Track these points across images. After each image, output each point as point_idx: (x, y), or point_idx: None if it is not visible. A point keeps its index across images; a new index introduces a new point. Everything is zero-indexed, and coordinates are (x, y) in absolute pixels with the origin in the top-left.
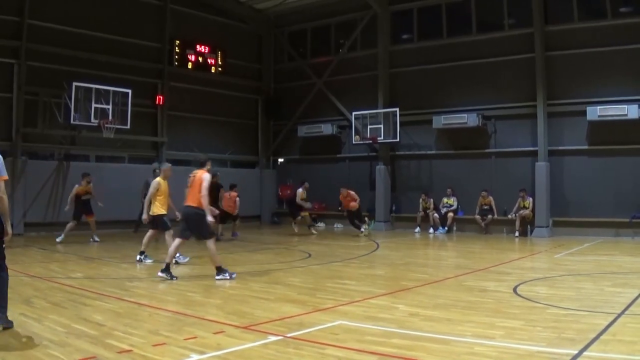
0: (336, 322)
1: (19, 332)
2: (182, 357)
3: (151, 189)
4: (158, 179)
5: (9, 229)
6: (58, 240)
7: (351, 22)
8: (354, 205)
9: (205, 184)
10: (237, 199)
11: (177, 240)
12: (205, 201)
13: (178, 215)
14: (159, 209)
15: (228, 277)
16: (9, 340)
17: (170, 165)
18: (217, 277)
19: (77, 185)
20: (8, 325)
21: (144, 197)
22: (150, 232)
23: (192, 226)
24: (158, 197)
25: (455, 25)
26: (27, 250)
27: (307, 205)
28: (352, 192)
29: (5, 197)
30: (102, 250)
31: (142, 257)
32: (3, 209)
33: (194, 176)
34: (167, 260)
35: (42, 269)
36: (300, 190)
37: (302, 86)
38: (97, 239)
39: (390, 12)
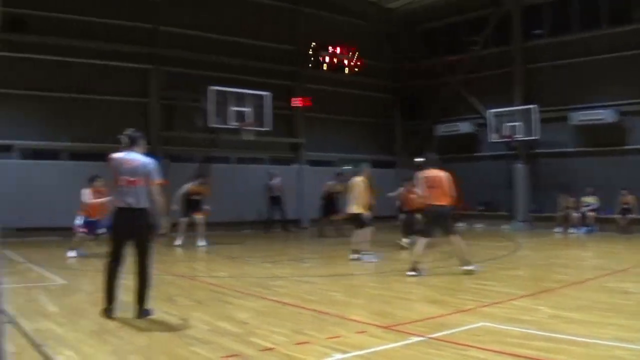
0: (478, 323)
1: (163, 330)
2: (324, 356)
3: (357, 189)
4: (360, 178)
5: (165, 224)
6: (177, 243)
7: (483, 18)
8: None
9: (450, 182)
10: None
11: (425, 240)
12: (451, 199)
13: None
14: (359, 207)
15: (473, 268)
16: (153, 338)
17: (369, 165)
18: (463, 268)
19: (188, 185)
20: (149, 314)
21: (270, 198)
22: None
23: (441, 223)
24: (361, 196)
25: (586, 18)
26: (170, 249)
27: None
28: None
29: (161, 198)
30: (244, 250)
31: (359, 256)
32: (160, 208)
33: (433, 177)
34: (414, 259)
35: (185, 268)
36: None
37: (437, 85)
38: (203, 242)
39: (521, 7)
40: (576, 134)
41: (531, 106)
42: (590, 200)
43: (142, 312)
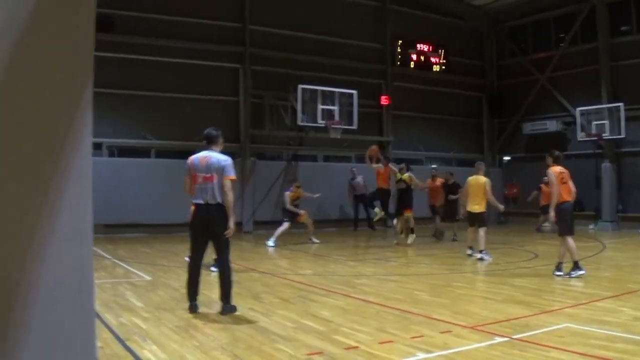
0: (562, 324)
1: (248, 327)
2: (408, 355)
3: (479, 187)
4: (481, 177)
5: (232, 225)
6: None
7: (570, 15)
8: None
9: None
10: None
11: (570, 239)
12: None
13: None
14: (482, 206)
15: (580, 272)
16: (237, 334)
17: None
18: (572, 274)
19: (287, 192)
20: (233, 310)
21: (351, 196)
22: (472, 229)
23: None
24: (484, 195)
25: None
26: (256, 247)
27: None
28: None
29: (231, 193)
30: (330, 248)
31: (481, 255)
32: (228, 203)
33: (566, 172)
34: (575, 258)
35: (271, 265)
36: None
37: (525, 82)
38: (315, 240)
39: (607, 3)
40: None
41: (618, 104)
42: None
43: (226, 308)
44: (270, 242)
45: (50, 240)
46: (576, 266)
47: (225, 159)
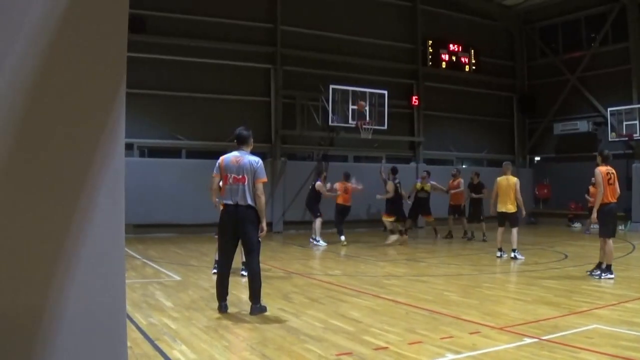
0: (591, 325)
1: (277, 327)
2: (437, 356)
3: (509, 187)
4: (511, 177)
5: (264, 226)
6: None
7: (601, 15)
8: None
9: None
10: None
11: (611, 241)
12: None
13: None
14: (514, 206)
15: (610, 276)
16: (267, 334)
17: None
18: (602, 275)
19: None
20: (263, 311)
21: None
22: (501, 230)
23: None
24: (511, 195)
25: None
26: (286, 247)
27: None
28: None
29: (263, 197)
30: (359, 248)
31: (514, 254)
32: (260, 206)
33: (613, 172)
34: (609, 262)
35: (300, 265)
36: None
37: (556, 82)
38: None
39: (638, 3)
40: None
41: None
42: None
43: (256, 309)
44: (321, 242)
45: (82, 240)
46: (608, 269)
47: (257, 161)
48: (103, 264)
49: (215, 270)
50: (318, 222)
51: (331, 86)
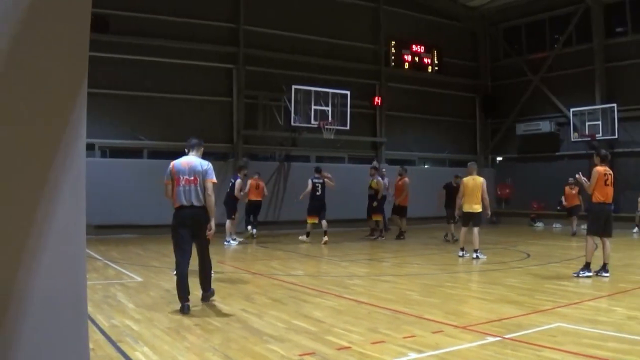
0: (554, 324)
1: (240, 328)
2: (400, 355)
3: (475, 187)
4: (477, 177)
5: (212, 225)
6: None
7: (565, 16)
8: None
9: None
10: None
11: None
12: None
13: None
14: (479, 206)
15: (589, 274)
16: (230, 335)
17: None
18: (580, 273)
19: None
20: (212, 294)
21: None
22: (465, 230)
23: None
24: (477, 195)
25: None
26: (248, 248)
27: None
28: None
29: (212, 196)
30: (322, 249)
31: (476, 254)
32: (210, 205)
33: (610, 173)
34: (588, 260)
35: (262, 266)
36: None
37: (519, 83)
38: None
39: (602, 4)
40: None
41: (612, 105)
42: None
43: (207, 296)
44: (232, 242)
45: (43, 241)
46: (587, 267)
47: (207, 164)
48: (64, 266)
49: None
50: (228, 223)
51: (293, 86)
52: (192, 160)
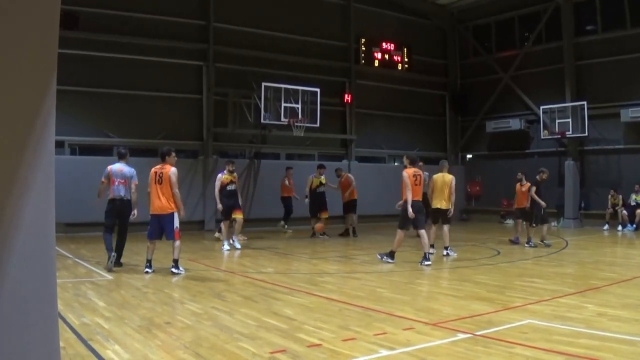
0: (525, 321)
1: (211, 325)
2: (371, 352)
3: (445, 185)
4: (447, 174)
5: (135, 212)
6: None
7: (535, 14)
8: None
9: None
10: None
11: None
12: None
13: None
14: (449, 203)
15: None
16: (200, 333)
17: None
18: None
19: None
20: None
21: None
22: (435, 227)
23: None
24: (446, 192)
25: (638, 14)
26: (219, 245)
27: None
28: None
29: (137, 193)
30: (293, 246)
31: (447, 251)
32: (134, 199)
33: (420, 175)
34: (426, 250)
35: (233, 264)
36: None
37: (489, 81)
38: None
39: (572, 3)
40: (627, 131)
41: (582, 103)
42: (639, 197)
43: (119, 260)
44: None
45: (12, 239)
46: (390, 255)
47: (132, 170)
48: (33, 264)
49: (147, 270)
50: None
51: (263, 84)
52: (123, 167)
